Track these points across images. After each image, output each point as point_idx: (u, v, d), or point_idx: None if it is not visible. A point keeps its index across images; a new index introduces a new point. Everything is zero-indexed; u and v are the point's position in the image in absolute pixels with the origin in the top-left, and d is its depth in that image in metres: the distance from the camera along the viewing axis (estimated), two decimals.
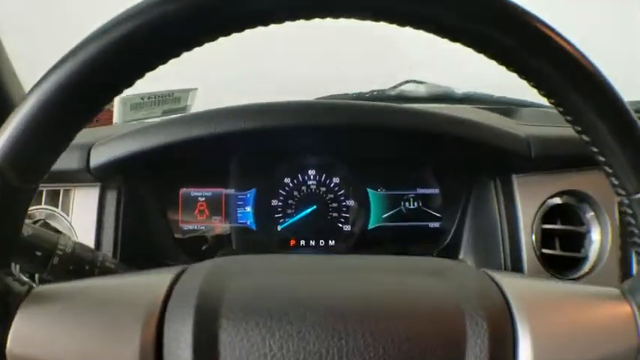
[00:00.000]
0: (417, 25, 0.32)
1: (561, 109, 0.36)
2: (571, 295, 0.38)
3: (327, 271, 0.41)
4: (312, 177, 0.92)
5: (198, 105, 1.11)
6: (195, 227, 0.91)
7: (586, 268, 0.84)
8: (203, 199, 0.91)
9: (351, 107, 0.76)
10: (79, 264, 0.58)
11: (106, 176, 0.76)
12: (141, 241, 0.78)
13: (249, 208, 0.90)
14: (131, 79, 0.33)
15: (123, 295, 0.36)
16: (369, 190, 0.92)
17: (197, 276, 0.38)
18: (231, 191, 0.91)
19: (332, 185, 0.92)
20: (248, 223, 0.90)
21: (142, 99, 1.06)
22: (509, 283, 0.38)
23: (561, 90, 0.35)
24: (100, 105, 0.33)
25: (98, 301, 0.35)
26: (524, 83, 0.38)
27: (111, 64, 0.31)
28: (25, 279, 0.69)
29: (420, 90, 1.12)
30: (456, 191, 0.90)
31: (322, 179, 0.92)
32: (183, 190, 0.91)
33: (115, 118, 1.03)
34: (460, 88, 1.12)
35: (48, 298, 0.36)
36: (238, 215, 0.90)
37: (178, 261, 0.86)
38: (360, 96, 1.13)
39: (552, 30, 0.34)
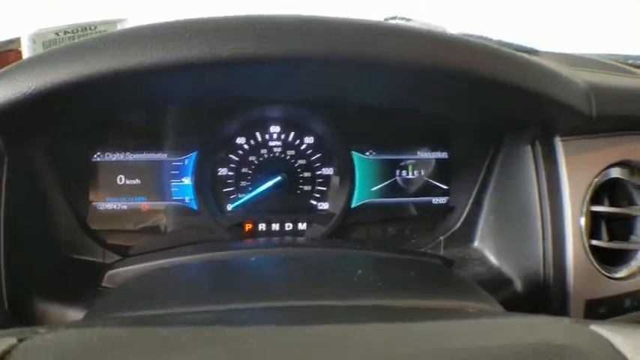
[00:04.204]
0: None
1: None
2: None
3: None
4: (275, 136, 0.69)
5: None
6: (114, 207, 0.66)
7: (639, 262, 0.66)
8: (123, 167, 0.67)
9: (333, 26, 0.47)
10: None
11: None
12: (36, 232, 0.59)
13: (187, 180, 0.66)
14: None
15: None
16: (353, 153, 0.69)
17: None
18: (163, 156, 0.67)
19: (303, 147, 0.69)
20: (186, 200, 0.66)
21: (57, 34, 0.88)
22: None
23: None
24: None
25: None
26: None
27: None
28: None
29: None
30: (473, 156, 0.67)
31: (290, 139, 0.69)
32: (96, 156, 0.67)
33: None
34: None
35: None
36: (173, 190, 0.66)
37: (91, 255, 0.65)
38: None
39: None
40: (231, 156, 0.67)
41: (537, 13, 1.19)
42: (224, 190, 0.67)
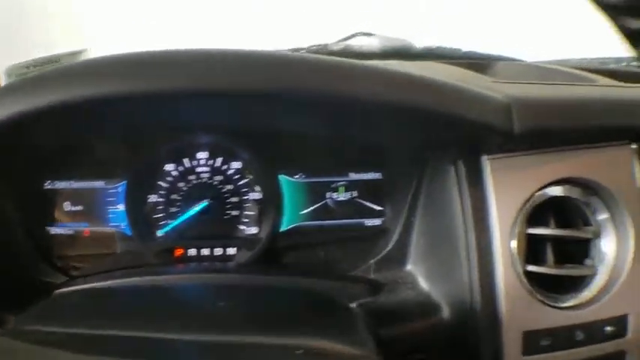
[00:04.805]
0: None
1: None
2: None
3: None
4: (202, 162, 0.69)
5: None
6: (62, 232, 0.70)
7: (593, 290, 0.60)
8: (69, 195, 0.70)
9: (250, 59, 0.47)
10: None
11: None
12: None
13: (121, 207, 0.67)
14: None
15: None
16: (281, 177, 0.68)
17: None
18: (101, 184, 0.69)
19: (230, 172, 0.68)
20: (122, 226, 0.68)
21: (27, 67, 0.93)
22: None
23: None
24: None
25: None
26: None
27: None
28: None
29: (372, 44, 0.90)
30: (403, 177, 0.64)
31: (217, 165, 0.68)
32: (47, 184, 0.70)
33: None
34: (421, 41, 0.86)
35: None
36: (110, 216, 0.68)
37: (44, 276, 0.68)
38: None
39: None
40: (160, 183, 0.68)
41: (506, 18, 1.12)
42: (154, 216, 0.68)
